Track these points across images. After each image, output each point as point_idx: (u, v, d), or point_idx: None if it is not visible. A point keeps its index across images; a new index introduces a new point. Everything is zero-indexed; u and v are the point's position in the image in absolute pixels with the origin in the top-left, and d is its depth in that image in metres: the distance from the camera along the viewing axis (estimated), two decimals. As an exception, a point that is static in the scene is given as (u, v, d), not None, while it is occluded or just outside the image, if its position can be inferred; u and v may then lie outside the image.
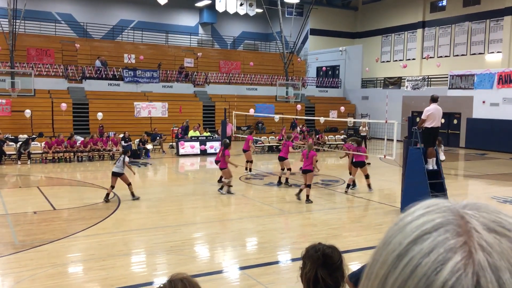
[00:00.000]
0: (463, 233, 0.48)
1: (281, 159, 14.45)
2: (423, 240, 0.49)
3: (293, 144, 15.84)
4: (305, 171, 11.94)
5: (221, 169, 12.78)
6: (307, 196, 11.94)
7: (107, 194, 11.74)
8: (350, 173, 14.09)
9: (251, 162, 16.33)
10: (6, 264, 7.40)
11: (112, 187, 11.77)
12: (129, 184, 11.99)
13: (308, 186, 11.88)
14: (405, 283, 0.47)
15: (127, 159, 11.96)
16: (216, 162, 14.63)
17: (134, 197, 11.95)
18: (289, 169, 14.43)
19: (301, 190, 12.20)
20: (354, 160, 13.19)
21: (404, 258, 0.49)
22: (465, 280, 0.45)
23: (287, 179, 14.41)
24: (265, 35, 39.91)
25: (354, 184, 13.62)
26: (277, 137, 23.60)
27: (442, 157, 13.55)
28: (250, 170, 16.28)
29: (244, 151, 16.27)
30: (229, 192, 12.80)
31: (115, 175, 11.76)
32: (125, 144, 20.31)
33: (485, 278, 0.45)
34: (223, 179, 12.95)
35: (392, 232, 0.53)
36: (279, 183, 14.39)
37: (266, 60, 35.42)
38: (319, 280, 2.23)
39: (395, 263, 0.49)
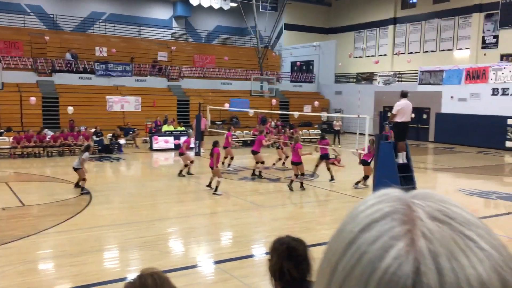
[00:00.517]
0: (408, 221, 0.51)
1: (254, 153, 14.67)
2: (370, 228, 0.51)
3: (265, 138, 15.90)
4: (293, 163, 12.76)
5: (211, 167, 12.18)
6: (301, 183, 12.78)
7: (82, 187, 11.94)
8: (317, 166, 14.23)
9: (232, 158, 16.30)
10: (-26, 262, 7.22)
11: (84, 179, 12.00)
12: (83, 179, 12.00)
13: (302, 175, 12.68)
14: (352, 269, 0.50)
15: (86, 155, 12.07)
16: (180, 154, 14.71)
17: (83, 191, 11.87)
18: (262, 162, 14.58)
19: (292, 181, 12.83)
20: (361, 158, 13.09)
21: (353, 245, 0.51)
22: (405, 266, 0.47)
23: (260, 172, 14.55)
24: (239, 29, 39.81)
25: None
26: (251, 132, 23.69)
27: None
28: (229, 165, 16.20)
29: (224, 147, 16.20)
30: (215, 189, 12.07)
31: (75, 169, 12.02)
32: (97, 138, 20.01)
33: (424, 264, 0.47)
34: (217, 179, 12.02)
35: (346, 221, 0.56)
36: (254, 176, 14.58)
37: (241, 54, 35.36)
38: (285, 272, 2.27)
39: (345, 250, 0.52)
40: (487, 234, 0.51)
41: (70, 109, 21.44)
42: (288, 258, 2.30)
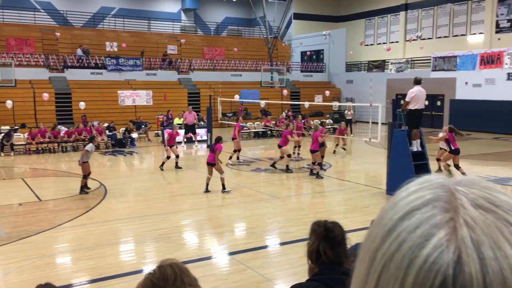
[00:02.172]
0: (451, 209, 0.49)
1: (279, 146, 14.44)
2: (411, 216, 0.50)
3: (292, 132, 15.11)
4: (310, 151, 13.18)
5: (210, 164, 11.35)
6: (317, 173, 13.11)
7: (82, 186, 11.42)
8: (323, 157, 14.07)
9: (239, 151, 15.86)
10: (-7, 257, 7.34)
11: (88, 174, 11.53)
12: (83, 177, 11.42)
13: (317, 164, 13.09)
14: (392, 257, 0.49)
15: (90, 146, 11.49)
16: (171, 146, 14.69)
17: (82, 191, 11.37)
18: (289, 156, 14.26)
19: (311, 170, 13.30)
20: (453, 148, 12.45)
21: (393, 233, 0.50)
22: (446, 255, 0.46)
23: (287, 166, 14.11)
24: (248, 20, 39.59)
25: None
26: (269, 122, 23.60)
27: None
28: (238, 158, 15.89)
29: (232, 139, 15.99)
30: (222, 187, 11.55)
31: (83, 163, 11.50)
32: (110, 133, 20.15)
33: (466, 253, 0.46)
34: (220, 175, 11.46)
35: (386, 208, 0.54)
36: (273, 167, 14.41)
37: (250, 45, 35.21)
38: (321, 253, 2.33)
39: (384, 238, 0.51)
40: None
41: (82, 105, 21.61)
42: (325, 239, 2.36)
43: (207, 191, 11.41)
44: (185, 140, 20.49)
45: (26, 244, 7.80)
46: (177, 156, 14.75)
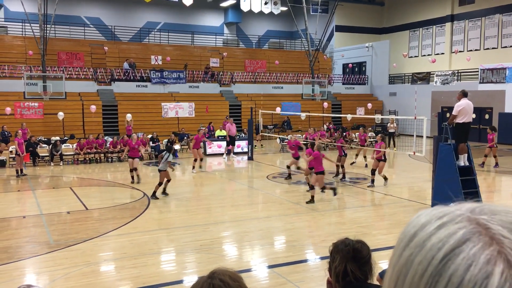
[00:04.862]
0: (492, 241, 0.47)
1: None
2: (455, 255, 0.47)
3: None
4: (316, 173, 12.86)
5: (322, 173, 12.02)
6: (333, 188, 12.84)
7: (154, 192, 12.22)
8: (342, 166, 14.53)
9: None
10: (42, 263, 7.63)
11: (160, 184, 12.30)
12: (168, 181, 12.41)
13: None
14: None
15: (170, 157, 12.56)
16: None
17: (164, 194, 12.31)
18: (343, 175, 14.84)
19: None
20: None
21: (441, 278, 0.47)
22: None
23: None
24: (290, 33, 39.78)
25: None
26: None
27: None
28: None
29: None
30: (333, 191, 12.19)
31: (160, 171, 12.37)
32: (153, 144, 20.62)
33: None
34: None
35: (411, 251, 0.50)
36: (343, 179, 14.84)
37: (292, 58, 35.31)
38: (349, 273, 2.31)
39: (431, 285, 0.47)
40: None
41: (129, 116, 22.27)
42: (353, 260, 2.34)
43: (312, 200, 11.69)
44: (226, 152, 20.70)
45: (73, 251, 8.07)
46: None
